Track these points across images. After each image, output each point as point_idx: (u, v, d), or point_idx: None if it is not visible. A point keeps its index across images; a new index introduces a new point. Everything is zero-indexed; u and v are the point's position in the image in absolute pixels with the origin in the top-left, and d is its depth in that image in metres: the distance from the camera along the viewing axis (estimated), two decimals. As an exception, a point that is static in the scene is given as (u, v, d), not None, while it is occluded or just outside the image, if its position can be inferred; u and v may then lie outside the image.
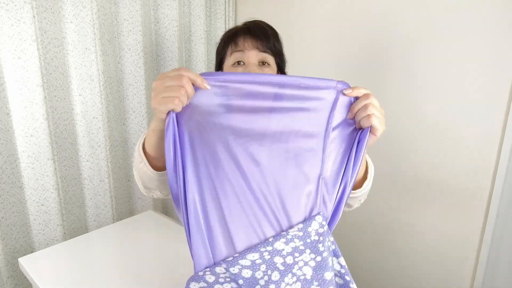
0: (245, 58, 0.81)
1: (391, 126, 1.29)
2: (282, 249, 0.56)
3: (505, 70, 1.03)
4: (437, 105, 1.17)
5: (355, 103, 0.63)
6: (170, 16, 1.45)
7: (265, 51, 0.82)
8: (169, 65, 1.50)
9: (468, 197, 1.16)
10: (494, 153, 1.09)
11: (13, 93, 1.07)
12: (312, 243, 0.57)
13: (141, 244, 1.10)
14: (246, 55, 0.81)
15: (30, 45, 1.06)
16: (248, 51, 0.81)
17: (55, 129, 1.21)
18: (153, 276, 0.94)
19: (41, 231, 1.21)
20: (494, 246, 1.15)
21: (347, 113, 0.64)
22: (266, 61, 0.82)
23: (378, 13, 1.25)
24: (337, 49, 1.38)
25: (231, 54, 0.82)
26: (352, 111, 0.64)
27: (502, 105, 1.05)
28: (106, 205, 1.39)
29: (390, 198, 1.33)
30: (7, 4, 1.01)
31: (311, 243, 0.57)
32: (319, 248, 0.57)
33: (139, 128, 1.45)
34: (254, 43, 0.81)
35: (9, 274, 1.18)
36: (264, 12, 1.57)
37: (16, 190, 1.15)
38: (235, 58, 0.81)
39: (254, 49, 0.81)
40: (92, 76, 1.24)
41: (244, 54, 0.81)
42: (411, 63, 1.20)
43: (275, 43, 0.84)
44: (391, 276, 1.41)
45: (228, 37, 0.84)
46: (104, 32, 1.25)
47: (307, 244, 0.57)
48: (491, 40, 1.04)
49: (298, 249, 0.57)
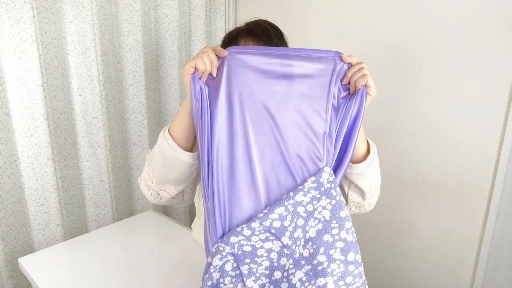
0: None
1: (391, 126, 1.29)
2: (302, 200, 0.67)
3: (505, 70, 1.03)
4: (437, 105, 1.17)
5: (350, 68, 0.71)
6: (170, 16, 1.45)
7: None
8: (169, 65, 1.50)
9: (468, 197, 1.16)
10: (494, 153, 1.09)
11: (13, 93, 1.07)
12: (325, 190, 0.67)
13: (141, 244, 1.10)
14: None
15: (30, 45, 1.06)
16: None
17: (55, 129, 1.21)
18: (153, 276, 0.94)
19: (41, 231, 1.21)
20: (494, 246, 1.15)
21: (342, 79, 0.72)
22: None
23: (379, 13, 1.25)
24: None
25: None
26: (347, 75, 0.71)
27: (502, 105, 1.05)
28: (106, 205, 1.39)
29: (390, 198, 1.33)
30: (7, 4, 1.01)
31: (325, 190, 0.67)
32: (332, 194, 0.67)
33: (139, 128, 1.45)
34: (256, 44, 0.80)
35: (9, 274, 1.18)
36: (264, 12, 1.57)
37: (16, 190, 1.15)
38: None
39: None
40: (92, 76, 1.24)
41: None
42: (410, 63, 1.20)
43: (278, 44, 0.82)
44: (391, 276, 1.41)
45: (229, 39, 0.83)
46: (104, 32, 1.25)
47: (322, 192, 0.67)
48: (491, 40, 1.04)
49: (316, 198, 0.67)
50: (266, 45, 0.81)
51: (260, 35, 0.80)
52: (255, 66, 0.69)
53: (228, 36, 0.85)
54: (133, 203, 1.54)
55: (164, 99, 1.55)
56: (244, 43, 0.80)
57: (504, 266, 1.16)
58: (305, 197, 0.66)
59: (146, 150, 1.48)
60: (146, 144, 1.47)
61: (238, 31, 0.83)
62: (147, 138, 1.47)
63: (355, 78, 0.69)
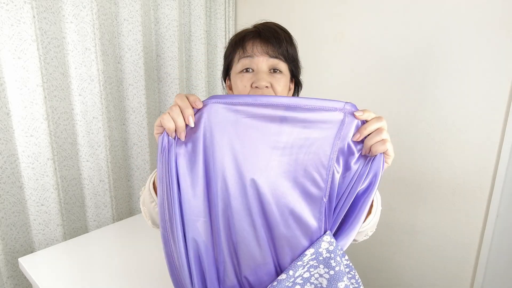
0: (253, 65, 0.74)
1: (391, 126, 1.29)
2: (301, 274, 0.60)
3: (505, 70, 1.03)
4: (437, 105, 1.17)
5: (367, 123, 0.58)
6: (170, 16, 1.45)
7: (277, 56, 0.75)
8: (169, 65, 1.50)
9: (468, 197, 1.16)
10: (494, 153, 1.09)
11: (13, 93, 1.07)
12: (324, 260, 0.60)
13: (141, 244, 1.10)
14: (255, 61, 0.74)
15: (30, 45, 1.06)
16: (257, 57, 0.74)
17: (55, 129, 1.21)
18: (153, 276, 0.94)
19: (41, 231, 1.21)
20: (494, 246, 1.14)
21: (354, 134, 0.58)
22: (278, 67, 0.75)
23: (379, 12, 1.25)
24: (338, 49, 1.38)
25: (238, 60, 0.76)
26: (362, 132, 0.57)
27: (502, 105, 1.05)
28: (106, 205, 1.39)
29: (390, 198, 1.33)
30: (7, 4, 1.01)
31: (323, 259, 0.60)
32: (331, 264, 0.60)
33: (139, 128, 1.45)
34: (264, 48, 0.74)
35: (9, 274, 1.18)
36: (265, 13, 1.57)
37: (16, 190, 1.15)
38: (243, 65, 0.75)
39: (264, 54, 0.74)
40: (92, 76, 1.24)
41: (253, 60, 0.74)
42: (410, 63, 1.20)
43: (288, 48, 0.77)
44: (391, 276, 1.41)
45: (236, 41, 0.78)
46: (104, 32, 1.25)
47: (320, 261, 0.60)
48: (491, 40, 1.04)
49: (313, 266, 0.60)
50: (275, 47, 0.75)
51: (269, 37, 0.75)
52: (240, 121, 0.58)
53: (235, 38, 0.80)
54: (133, 203, 1.54)
55: (164, 99, 1.55)
56: (252, 46, 0.75)
57: (505, 266, 1.16)
58: (303, 269, 0.60)
59: (146, 150, 1.48)
60: (146, 144, 1.48)
61: (245, 33, 0.78)
62: (147, 138, 1.47)
63: (372, 142, 0.57)
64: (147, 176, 1.52)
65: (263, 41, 0.75)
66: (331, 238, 0.60)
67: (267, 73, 0.74)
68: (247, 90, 0.74)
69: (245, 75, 0.75)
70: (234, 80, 0.77)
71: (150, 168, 1.51)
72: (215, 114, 0.58)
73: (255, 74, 0.74)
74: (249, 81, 0.74)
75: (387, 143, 0.57)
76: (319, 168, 0.59)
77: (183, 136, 0.57)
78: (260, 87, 0.72)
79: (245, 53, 0.75)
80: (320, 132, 0.58)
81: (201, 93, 1.65)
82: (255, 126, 0.58)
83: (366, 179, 0.59)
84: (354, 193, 0.59)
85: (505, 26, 1.02)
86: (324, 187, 0.59)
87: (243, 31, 0.79)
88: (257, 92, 0.73)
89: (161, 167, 0.58)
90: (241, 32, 0.79)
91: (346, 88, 1.39)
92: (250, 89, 0.74)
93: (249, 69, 0.75)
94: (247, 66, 0.75)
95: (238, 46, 0.77)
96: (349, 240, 0.61)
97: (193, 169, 0.59)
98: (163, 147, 0.57)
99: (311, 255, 0.60)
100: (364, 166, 0.59)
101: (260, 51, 0.74)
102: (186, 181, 0.59)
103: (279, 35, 0.76)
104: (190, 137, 0.58)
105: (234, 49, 0.78)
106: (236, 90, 0.77)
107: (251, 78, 0.74)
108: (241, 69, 0.75)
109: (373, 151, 0.58)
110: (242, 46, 0.76)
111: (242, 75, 0.75)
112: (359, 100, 1.35)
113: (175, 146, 0.57)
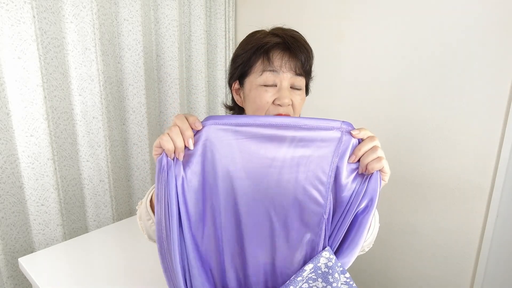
0: (277, 80, 0.71)
1: (392, 126, 1.29)
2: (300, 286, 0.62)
3: (505, 70, 1.03)
4: (437, 105, 1.17)
5: (361, 144, 0.59)
6: (170, 16, 1.45)
7: (301, 74, 0.73)
8: (169, 65, 1.50)
9: (468, 197, 1.16)
10: (494, 153, 1.09)
11: (13, 93, 1.07)
12: (323, 273, 0.61)
13: (141, 244, 1.10)
14: (280, 77, 0.71)
15: (30, 45, 1.06)
16: (283, 73, 0.71)
17: (55, 129, 1.21)
18: (153, 276, 0.94)
19: (41, 231, 1.21)
20: (494, 245, 1.14)
21: (350, 156, 0.59)
22: (298, 84, 0.73)
23: (379, 12, 1.25)
24: (339, 49, 1.38)
25: (262, 72, 0.71)
26: (356, 153, 0.58)
27: (502, 105, 1.05)
28: (106, 205, 1.39)
29: (390, 198, 1.33)
30: (7, 4, 1.01)
31: (322, 273, 0.61)
32: (329, 279, 0.61)
33: (139, 128, 1.45)
34: (292, 64, 0.71)
35: (9, 274, 1.18)
36: (264, 13, 1.57)
37: (16, 190, 1.15)
38: (266, 78, 0.71)
39: (290, 71, 0.71)
40: (92, 76, 1.24)
41: (277, 76, 0.71)
42: (410, 63, 1.20)
43: (311, 64, 0.75)
44: (391, 276, 1.41)
45: (260, 48, 0.72)
46: (104, 32, 1.25)
47: (319, 274, 0.61)
48: (491, 40, 1.04)
49: (312, 278, 0.61)
50: (302, 65, 0.73)
51: (298, 53, 0.71)
52: (240, 142, 0.58)
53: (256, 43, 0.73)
54: (133, 203, 1.54)
55: (164, 99, 1.55)
56: (280, 60, 0.71)
57: (505, 266, 1.16)
58: (302, 282, 0.62)
59: (146, 150, 1.48)
60: (146, 144, 1.48)
61: (270, 41, 0.71)
62: (147, 138, 1.47)
63: (368, 160, 0.58)
64: (147, 176, 1.52)
65: (292, 57, 0.72)
66: (330, 254, 0.60)
67: (288, 90, 0.72)
68: (268, 105, 0.72)
69: (268, 90, 0.71)
70: (254, 93, 0.73)
71: (150, 168, 1.51)
72: (214, 135, 0.58)
73: (278, 91, 0.71)
74: (271, 97, 0.71)
75: (383, 160, 0.58)
76: (318, 186, 0.60)
77: (181, 156, 0.57)
78: (283, 105, 0.71)
79: (271, 66, 0.71)
80: (318, 150, 0.59)
81: (201, 93, 1.65)
82: (255, 146, 0.59)
83: (364, 197, 0.59)
84: (352, 211, 0.60)
85: (505, 26, 1.02)
86: (324, 204, 0.60)
87: (267, 36, 0.74)
88: (278, 109, 0.71)
89: (159, 187, 0.58)
90: (265, 38, 0.73)
91: (346, 88, 1.39)
92: (271, 105, 0.71)
93: (272, 82, 0.71)
94: (271, 81, 0.71)
95: (263, 55, 0.72)
96: (350, 258, 0.61)
97: (192, 188, 0.59)
98: (162, 168, 0.57)
99: (310, 270, 0.61)
100: (361, 184, 0.60)
101: (288, 67, 0.71)
102: (187, 201, 0.60)
103: (307, 51, 0.74)
104: (190, 158, 0.59)
105: (256, 56, 0.72)
106: (255, 103, 0.73)
107: (275, 94, 0.71)
108: (263, 83, 0.71)
109: (369, 169, 0.58)
110: (268, 57, 0.71)
111: (266, 89, 0.71)
112: (359, 100, 1.35)
113: (174, 167, 0.58)
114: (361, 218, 0.60)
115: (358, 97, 1.35)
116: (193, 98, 1.66)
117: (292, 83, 0.72)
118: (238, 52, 0.77)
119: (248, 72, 0.74)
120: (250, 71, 0.73)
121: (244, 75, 0.75)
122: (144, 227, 0.74)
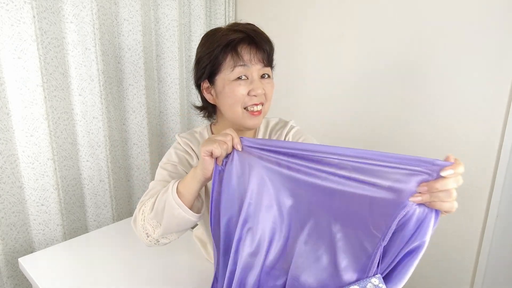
0: (248, 73, 0.76)
1: (392, 126, 1.29)
2: None
3: (505, 70, 1.03)
4: (437, 105, 1.17)
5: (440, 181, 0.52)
6: (170, 16, 1.45)
7: (269, 65, 0.79)
8: (169, 65, 1.50)
9: (468, 197, 1.16)
10: (494, 153, 1.09)
11: (13, 93, 1.07)
12: None
13: (141, 244, 1.10)
14: (250, 70, 0.75)
15: (30, 45, 1.06)
16: (253, 66, 0.75)
17: (55, 129, 1.21)
18: (153, 276, 0.94)
19: (41, 231, 1.21)
20: (494, 246, 1.14)
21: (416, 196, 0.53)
22: (267, 73, 0.79)
23: (379, 11, 1.25)
24: (339, 49, 1.38)
25: (233, 67, 0.75)
26: (430, 188, 0.51)
27: (502, 105, 1.05)
28: (106, 205, 1.39)
29: (390, 198, 1.33)
30: (7, 4, 1.01)
31: None
32: None
33: (139, 128, 1.45)
34: (259, 56, 0.76)
35: (9, 274, 1.18)
36: (264, 13, 1.57)
37: (16, 190, 1.15)
38: (238, 73, 0.75)
39: (259, 63, 0.76)
40: (92, 76, 1.24)
41: (248, 69, 0.75)
42: (410, 63, 1.20)
43: (273, 54, 0.80)
44: (391, 276, 1.41)
45: (227, 45, 0.75)
46: (104, 32, 1.25)
47: None
48: (491, 40, 1.04)
49: None
50: (268, 55, 0.77)
51: (262, 44, 0.76)
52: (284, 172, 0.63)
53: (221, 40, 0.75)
54: (133, 203, 1.54)
55: (164, 99, 1.55)
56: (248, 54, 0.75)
57: (505, 266, 1.16)
58: None
59: (146, 150, 1.48)
60: (146, 144, 1.48)
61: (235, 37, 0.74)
62: (147, 138, 1.47)
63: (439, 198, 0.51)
64: (147, 176, 1.52)
65: (259, 49, 0.76)
66: (380, 282, 0.58)
67: (260, 80, 0.77)
68: (243, 98, 0.76)
69: (241, 83, 0.75)
70: (229, 88, 0.76)
71: (150, 168, 1.51)
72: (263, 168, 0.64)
73: (251, 83, 0.76)
74: (246, 89, 0.75)
75: (453, 202, 0.52)
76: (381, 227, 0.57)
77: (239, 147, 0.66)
78: (258, 95, 0.76)
79: (241, 61, 0.74)
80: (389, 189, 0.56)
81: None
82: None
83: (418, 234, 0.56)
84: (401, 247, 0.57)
85: (505, 26, 1.02)
86: (385, 231, 0.57)
87: (231, 32, 0.76)
88: (252, 99, 0.76)
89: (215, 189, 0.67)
90: (226, 34, 0.75)
91: (345, 88, 1.39)
92: (247, 96, 0.76)
93: (243, 76, 0.76)
94: (242, 74, 0.75)
95: (231, 51, 0.75)
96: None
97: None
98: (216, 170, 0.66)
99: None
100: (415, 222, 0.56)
101: (256, 60, 0.76)
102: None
103: (270, 42, 0.78)
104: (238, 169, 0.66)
105: (224, 54, 0.75)
106: (230, 97, 0.77)
107: (248, 86, 0.76)
108: (236, 77, 0.75)
109: (435, 206, 0.52)
110: (237, 53, 0.74)
111: (239, 83, 0.75)
112: (359, 100, 1.35)
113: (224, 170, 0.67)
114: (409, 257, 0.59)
115: (357, 96, 1.35)
116: (193, 98, 1.66)
117: (262, 73, 0.77)
118: (201, 52, 0.79)
119: (218, 70, 0.77)
120: (220, 68, 0.77)
121: (214, 73, 0.78)
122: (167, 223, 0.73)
